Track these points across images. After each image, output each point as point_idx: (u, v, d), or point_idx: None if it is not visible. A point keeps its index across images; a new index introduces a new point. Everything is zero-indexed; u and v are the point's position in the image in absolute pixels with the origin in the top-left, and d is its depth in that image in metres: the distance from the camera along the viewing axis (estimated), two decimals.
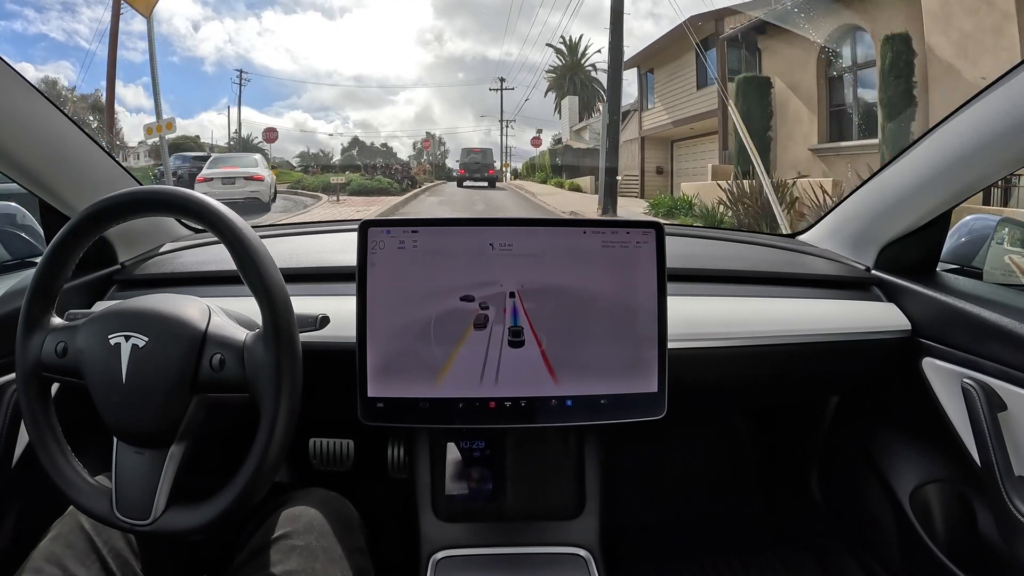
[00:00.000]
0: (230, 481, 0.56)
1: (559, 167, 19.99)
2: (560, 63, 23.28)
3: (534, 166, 22.81)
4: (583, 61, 22.95)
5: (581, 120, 21.18)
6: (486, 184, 18.53)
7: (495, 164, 20.13)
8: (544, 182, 20.23)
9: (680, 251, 0.95)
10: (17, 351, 0.59)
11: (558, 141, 22.11)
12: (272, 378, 0.55)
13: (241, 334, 0.59)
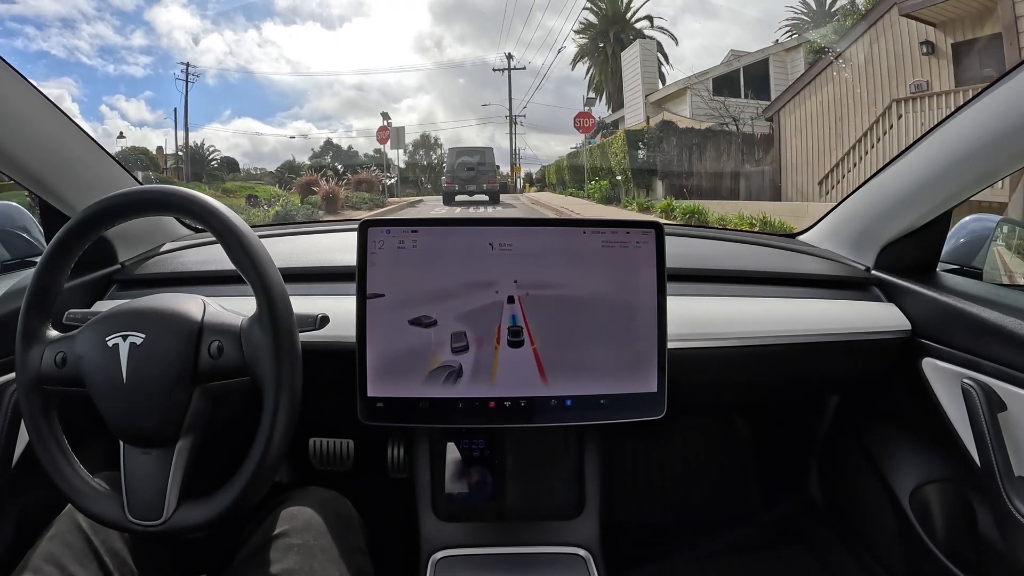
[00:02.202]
0: (239, 470, 0.56)
1: (649, 169, 10.09)
2: (596, 17, 15.49)
3: (577, 168, 13.06)
4: (630, 17, 15.21)
5: (662, 83, 12.32)
6: (486, 199, 12.51)
7: (498, 170, 13.21)
8: (612, 200, 10.42)
9: (680, 251, 0.95)
10: (17, 366, 0.59)
11: (609, 127, 13.57)
12: (271, 358, 0.55)
13: (237, 319, 0.59)
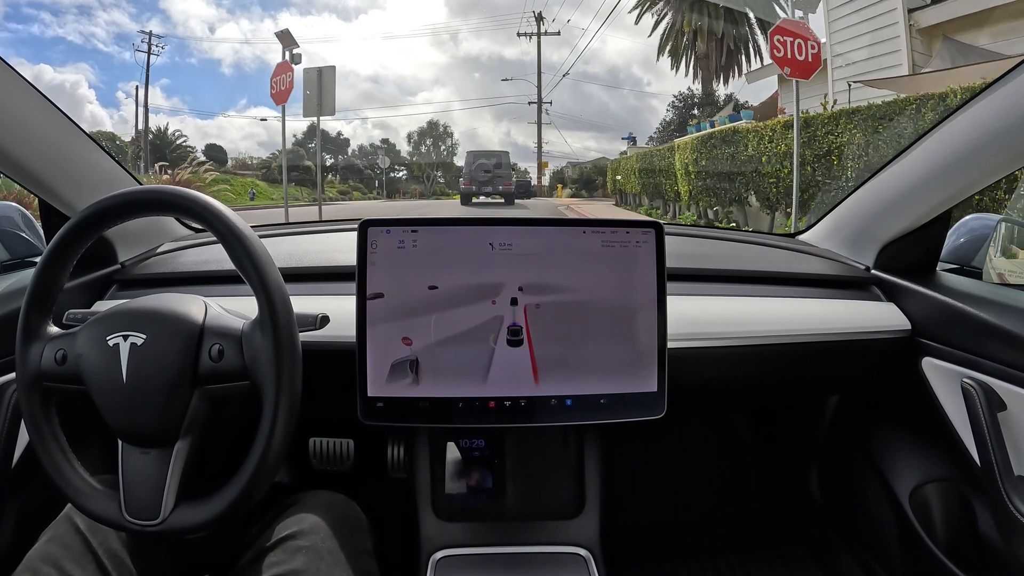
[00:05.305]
0: (238, 471, 0.56)
1: None
2: None
3: (716, 175, 6.58)
4: None
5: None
6: (502, 201, 12.78)
7: (515, 168, 12.44)
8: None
9: (680, 250, 0.95)
10: (17, 363, 0.59)
11: (707, 102, 9.00)
12: (271, 362, 0.55)
13: (238, 323, 0.59)
